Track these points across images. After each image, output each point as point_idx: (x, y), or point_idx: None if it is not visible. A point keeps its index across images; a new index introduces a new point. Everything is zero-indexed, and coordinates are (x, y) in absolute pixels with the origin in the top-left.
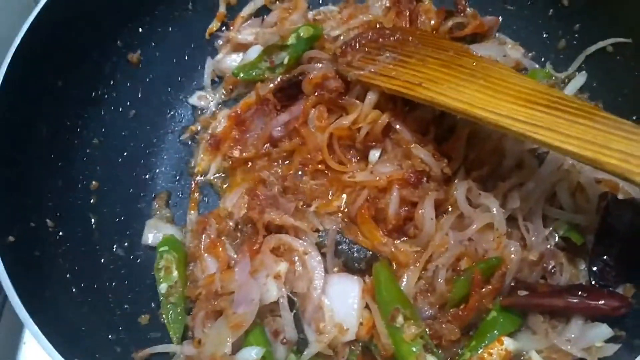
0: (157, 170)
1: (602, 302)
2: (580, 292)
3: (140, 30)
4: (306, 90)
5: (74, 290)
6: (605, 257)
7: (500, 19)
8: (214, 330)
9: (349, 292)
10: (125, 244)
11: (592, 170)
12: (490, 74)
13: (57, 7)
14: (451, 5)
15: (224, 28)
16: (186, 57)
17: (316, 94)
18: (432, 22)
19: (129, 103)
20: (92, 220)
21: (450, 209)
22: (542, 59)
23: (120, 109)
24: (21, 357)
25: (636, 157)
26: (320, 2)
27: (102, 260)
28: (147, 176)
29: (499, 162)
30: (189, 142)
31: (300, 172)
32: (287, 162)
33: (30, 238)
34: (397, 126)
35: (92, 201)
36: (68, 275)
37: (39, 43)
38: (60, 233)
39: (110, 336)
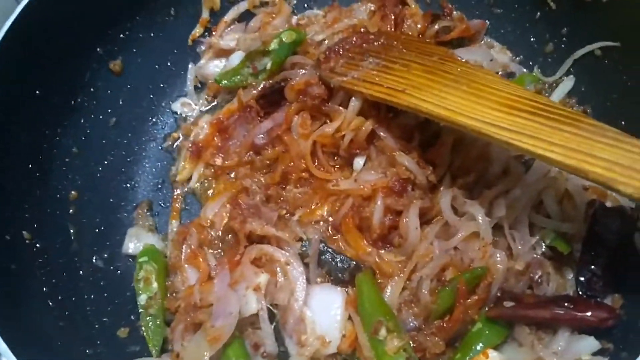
0: (139, 179)
1: (590, 313)
2: (567, 303)
3: (121, 36)
4: (289, 97)
5: (50, 303)
6: (592, 267)
7: (488, 22)
8: (193, 343)
9: (332, 304)
10: (105, 255)
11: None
12: (474, 79)
13: (35, 14)
14: (437, 9)
15: (206, 34)
16: (168, 64)
17: (299, 100)
18: (419, 25)
19: (109, 110)
20: (71, 231)
21: (436, 218)
22: (530, 63)
23: (101, 117)
24: None
25: (620, 166)
26: (305, 6)
27: (81, 272)
28: (128, 185)
29: (485, 169)
30: (172, 150)
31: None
32: (271, 170)
33: (6, 250)
34: (381, 133)
35: (71, 211)
36: (45, 289)
37: (17, 51)
38: (37, 245)
39: (87, 351)
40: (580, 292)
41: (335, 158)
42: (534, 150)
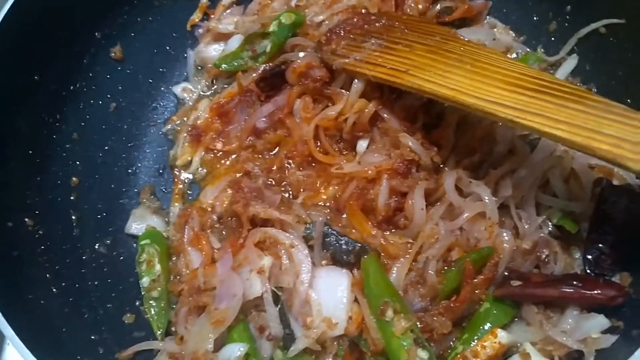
0: (140, 165)
1: (598, 291)
2: (575, 282)
3: (119, 20)
4: (290, 80)
5: (54, 290)
6: (600, 245)
7: (490, 2)
8: (197, 326)
9: (337, 286)
10: (108, 241)
11: (585, 155)
12: (477, 58)
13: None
14: None
15: (205, 18)
16: (167, 48)
17: (300, 83)
18: (420, 6)
19: (109, 96)
20: (73, 217)
21: (441, 199)
22: (533, 42)
23: (100, 102)
24: (5, 358)
25: (628, 142)
26: None
27: (84, 258)
28: (129, 171)
29: (490, 148)
30: (172, 134)
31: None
32: (272, 154)
33: (8, 238)
34: (385, 115)
35: (72, 198)
36: (48, 275)
37: (15, 37)
38: (40, 232)
39: (92, 337)
40: (588, 271)
41: (338, 141)
42: (539, 128)
